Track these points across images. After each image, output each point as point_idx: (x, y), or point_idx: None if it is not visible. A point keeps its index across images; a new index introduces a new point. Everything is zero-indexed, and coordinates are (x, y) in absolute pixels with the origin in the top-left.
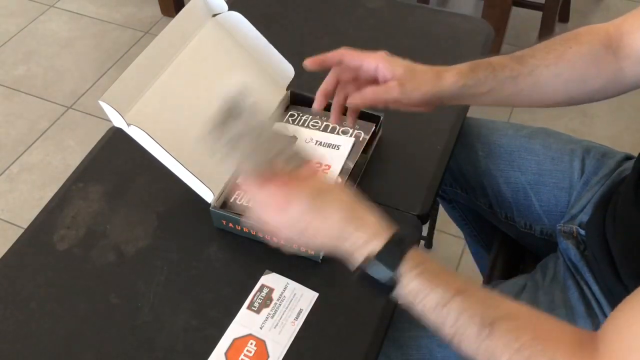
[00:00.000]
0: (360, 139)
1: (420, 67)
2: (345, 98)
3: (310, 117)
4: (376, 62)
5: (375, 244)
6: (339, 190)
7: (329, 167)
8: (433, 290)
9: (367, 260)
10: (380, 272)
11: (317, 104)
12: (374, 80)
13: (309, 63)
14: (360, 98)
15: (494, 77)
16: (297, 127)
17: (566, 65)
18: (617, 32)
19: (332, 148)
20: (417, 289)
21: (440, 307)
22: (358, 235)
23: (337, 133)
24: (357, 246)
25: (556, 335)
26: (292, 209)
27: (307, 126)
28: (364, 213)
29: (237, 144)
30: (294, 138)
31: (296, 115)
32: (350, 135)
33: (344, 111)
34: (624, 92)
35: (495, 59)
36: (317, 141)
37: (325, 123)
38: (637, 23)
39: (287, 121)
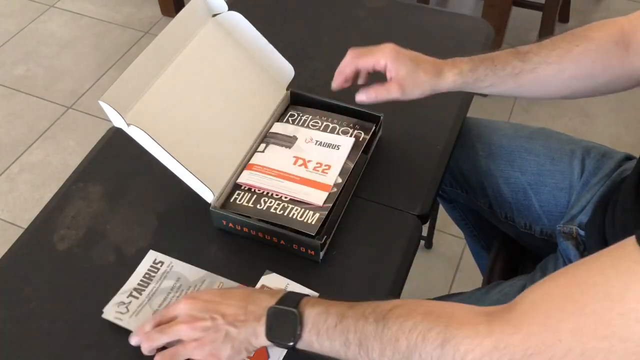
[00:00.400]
0: (360, 139)
1: (423, 66)
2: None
3: (310, 117)
4: (385, 59)
5: (276, 298)
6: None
7: (329, 167)
8: (329, 311)
9: (272, 306)
10: (284, 312)
11: (335, 83)
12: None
13: (335, 86)
14: (366, 96)
15: (494, 74)
16: (296, 127)
17: (570, 63)
18: (631, 27)
19: (332, 148)
20: (317, 317)
21: (339, 321)
22: (263, 296)
23: (337, 133)
24: (262, 305)
25: (450, 308)
26: (200, 298)
27: (307, 126)
28: (256, 291)
29: None
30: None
31: (296, 115)
32: (350, 135)
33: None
34: (633, 87)
35: (498, 55)
36: (317, 141)
37: (325, 123)
38: None
39: (287, 121)
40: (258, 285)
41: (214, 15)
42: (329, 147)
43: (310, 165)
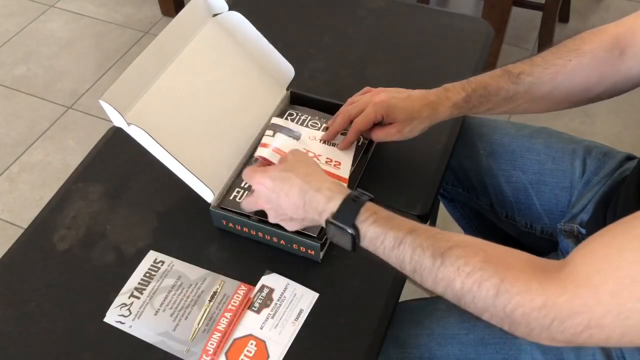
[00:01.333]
0: (360, 142)
1: (417, 108)
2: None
3: (309, 117)
4: (380, 114)
5: (333, 204)
6: (305, 165)
7: (339, 163)
8: (388, 234)
9: (328, 219)
10: (341, 229)
11: (327, 136)
12: None
13: (326, 138)
14: (386, 137)
15: (488, 100)
16: (297, 125)
17: (565, 78)
18: (627, 31)
19: (336, 146)
20: (374, 235)
21: (397, 246)
22: (317, 199)
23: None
24: (319, 208)
25: (509, 257)
26: (265, 180)
27: (307, 126)
28: (321, 180)
29: None
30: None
31: (295, 115)
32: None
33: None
34: (631, 89)
35: (491, 83)
36: (320, 140)
37: (325, 125)
38: None
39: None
40: (258, 285)
41: (214, 15)
42: (333, 146)
43: (322, 159)
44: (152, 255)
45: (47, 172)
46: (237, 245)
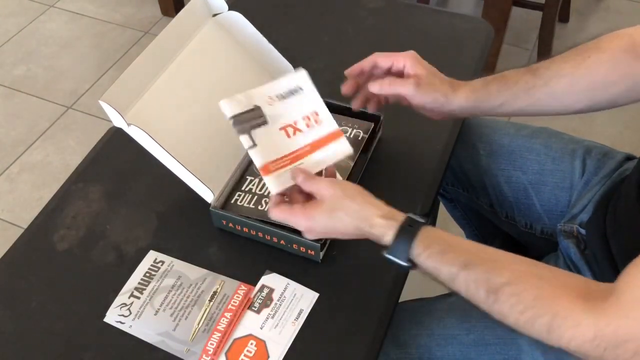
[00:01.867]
0: (360, 138)
1: (441, 76)
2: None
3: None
4: (404, 60)
5: (387, 239)
6: (349, 200)
7: (316, 114)
8: (441, 270)
9: (384, 255)
10: (395, 262)
11: (349, 70)
12: (400, 77)
13: (349, 72)
14: (379, 85)
15: (507, 89)
16: (246, 93)
17: (583, 73)
18: None
19: (296, 94)
20: (430, 269)
21: (452, 281)
22: (372, 234)
23: None
24: (377, 241)
25: (559, 291)
26: (313, 230)
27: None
28: (373, 215)
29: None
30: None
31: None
32: (349, 135)
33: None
34: None
35: (509, 73)
36: (277, 96)
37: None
38: None
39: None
40: (258, 285)
41: (214, 15)
42: (294, 95)
43: (302, 125)
44: (152, 255)
45: (47, 172)
46: (237, 245)
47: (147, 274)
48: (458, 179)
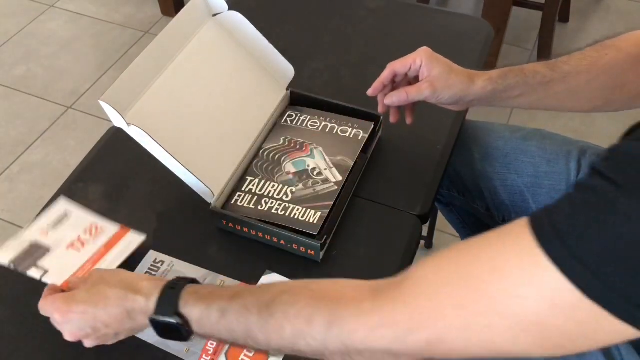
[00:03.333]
0: (360, 137)
1: (456, 69)
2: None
3: (309, 117)
4: (420, 59)
5: (152, 300)
6: (113, 275)
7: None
8: (211, 307)
9: (151, 317)
10: (166, 323)
11: (372, 90)
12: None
13: (371, 92)
14: (397, 97)
15: (525, 82)
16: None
17: (600, 71)
18: None
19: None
20: (199, 315)
21: (223, 317)
22: (139, 302)
23: (336, 133)
24: (142, 311)
25: (339, 289)
26: (73, 305)
27: (306, 126)
28: (138, 283)
29: None
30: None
31: (294, 115)
32: (349, 135)
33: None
34: None
35: (528, 66)
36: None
37: (323, 123)
38: None
39: (286, 121)
40: (258, 285)
41: (214, 15)
42: (63, 220)
43: (86, 237)
44: (152, 255)
45: (47, 172)
46: (237, 245)
47: (147, 274)
48: (453, 182)
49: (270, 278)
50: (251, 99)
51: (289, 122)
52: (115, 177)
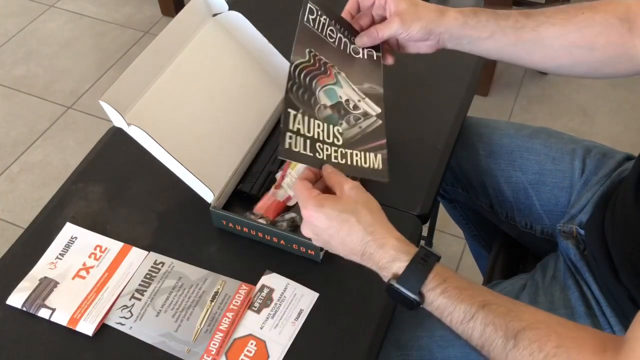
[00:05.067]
0: (374, 58)
1: (422, 3)
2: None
3: (327, 21)
4: None
5: (398, 266)
6: (368, 211)
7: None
8: (458, 306)
9: (391, 284)
10: (404, 293)
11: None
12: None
13: (344, 17)
14: (367, 36)
15: (497, 23)
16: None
17: (574, 28)
18: (638, 9)
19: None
20: (442, 306)
21: (466, 321)
22: (380, 256)
23: (350, 53)
24: (379, 266)
25: (579, 341)
26: (319, 217)
27: (326, 35)
28: (386, 235)
29: None
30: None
31: (315, 13)
32: (364, 56)
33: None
34: (634, 73)
35: (501, 10)
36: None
37: (339, 35)
38: None
39: (308, 20)
40: (258, 285)
41: (214, 15)
42: (69, 249)
43: (91, 262)
44: (152, 257)
45: (47, 172)
46: (237, 245)
47: (148, 276)
48: (457, 179)
49: (270, 278)
50: (251, 99)
51: (311, 24)
52: (115, 177)
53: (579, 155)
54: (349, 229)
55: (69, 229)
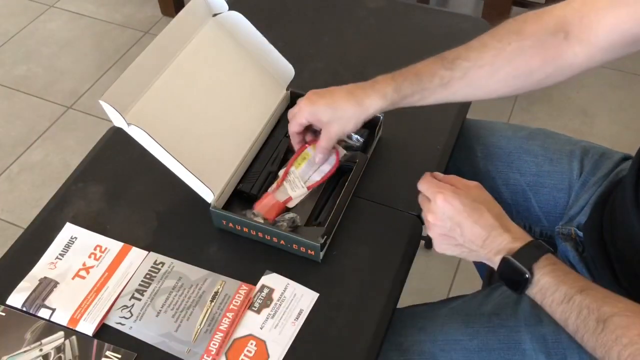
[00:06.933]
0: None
1: (342, 103)
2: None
3: None
4: (305, 117)
5: (517, 244)
6: (494, 205)
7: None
8: (560, 287)
9: (507, 257)
10: (516, 269)
11: (295, 146)
12: None
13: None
14: (324, 153)
15: (422, 88)
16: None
17: (504, 62)
18: (575, 15)
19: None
20: (546, 285)
21: (566, 302)
22: (505, 237)
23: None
24: (501, 246)
25: None
26: (455, 201)
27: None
28: (510, 223)
29: None
30: None
31: None
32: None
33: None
34: (574, 75)
35: (423, 68)
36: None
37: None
38: (599, 4)
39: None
40: (258, 285)
41: (214, 15)
42: (70, 248)
43: (91, 262)
44: (152, 257)
45: (47, 172)
46: (237, 245)
47: (148, 276)
48: None
49: (270, 278)
50: (251, 99)
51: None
52: (115, 177)
53: (577, 156)
54: (480, 215)
55: (69, 229)
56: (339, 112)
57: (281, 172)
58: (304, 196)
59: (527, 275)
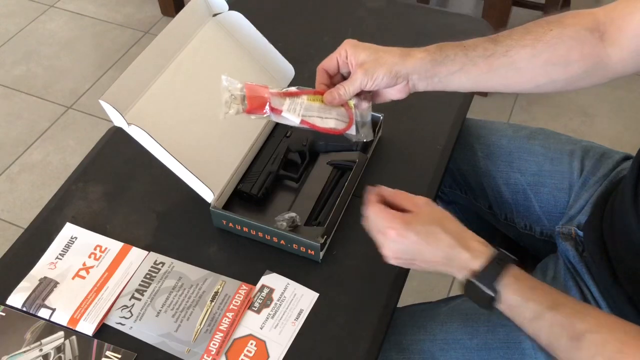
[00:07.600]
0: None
1: (385, 49)
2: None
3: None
4: (344, 50)
5: (477, 262)
6: (448, 221)
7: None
8: (527, 305)
9: (470, 279)
10: (480, 288)
11: (317, 85)
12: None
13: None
14: (337, 96)
15: (465, 55)
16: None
17: (545, 46)
18: (607, 18)
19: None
20: (513, 303)
21: (536, 319)
22: (464, 255)
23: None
24: (462, 265)
25: (638, 349)
26: (408, 233)
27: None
28: (469, 237)
29: None
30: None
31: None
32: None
33: None
34: (608, 79)
35: (468, 41)
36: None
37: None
38: (627, 9)
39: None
40: (258, 285)
41: (214, 15)
42: (69, 249)
43: (91, 262)
44: (152, 257)
45: (47, 172)
46: (237, 245)
47: (148, 276)
48: (456, 181)
49: (270, 278)
50: None
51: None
52: (115, 177)
53: (577, 156)
54: (435, 239)
55: (69, 229)
56: (380, 53)
57: (293, 89)
58: (290, 124)
59: (491, 294)
